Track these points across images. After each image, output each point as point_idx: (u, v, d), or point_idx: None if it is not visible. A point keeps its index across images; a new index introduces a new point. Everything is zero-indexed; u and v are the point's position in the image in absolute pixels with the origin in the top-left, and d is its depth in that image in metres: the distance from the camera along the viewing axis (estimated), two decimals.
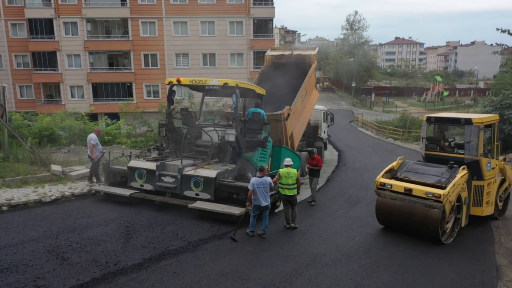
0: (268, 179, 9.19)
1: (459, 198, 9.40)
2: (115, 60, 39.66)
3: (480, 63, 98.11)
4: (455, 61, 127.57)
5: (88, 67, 38.15)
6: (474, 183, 10.24)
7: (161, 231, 9.06)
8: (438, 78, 70.99)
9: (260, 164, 13.56)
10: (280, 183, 9.91)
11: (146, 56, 38.32)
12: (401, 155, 24.64)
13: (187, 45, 37.90)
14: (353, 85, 64.97)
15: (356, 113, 48.96)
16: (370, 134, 35.55)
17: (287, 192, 9.77)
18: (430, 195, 8.95)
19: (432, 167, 10.07)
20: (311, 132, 19.94)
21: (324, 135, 22.18)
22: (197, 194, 10.69)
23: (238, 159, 12.28)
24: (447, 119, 11.20)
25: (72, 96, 38.60)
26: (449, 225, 9.39)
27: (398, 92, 75.29)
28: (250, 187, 8.92)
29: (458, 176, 9.27)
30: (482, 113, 26.90)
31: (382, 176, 10.13)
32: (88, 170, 13.40)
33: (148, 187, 11.36)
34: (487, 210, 10.69)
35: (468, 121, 9.90)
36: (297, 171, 16.82)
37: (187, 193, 10.83)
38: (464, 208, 9.74)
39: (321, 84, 68.73)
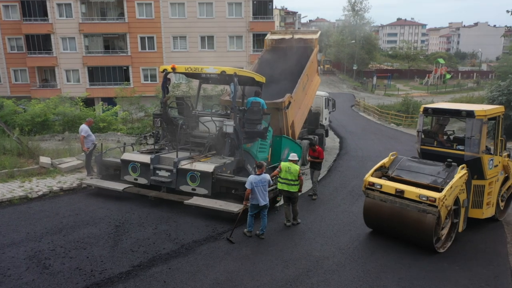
0: (267, 176, 8.60)
1: (456, 201, 8.45)
2: (111, 43, 38.63)
3: (483, 45, 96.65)
4: (458, 42, 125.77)
5: (83, 51, 37.19)
6: (474, 182, 9.25)
7: (152, 232, 8.50)
8: (441, 61, 69.86)
9: (260, 155, 13.01)
10: (279, 176, 9.34)
11: (142, 39, 37.29)
12: (404, 141, 24.22)
13: (184, 27, 36.83)
14: (354, 68, 63.91)
15: (358, 97, 48.14)
16: (372, 119, 34.85)
17: (285, 187, 9.19)
18: (424, 198, 7.97)
19: (428, 165, 9.07)
20: (312, 119, 19.33)
21: (325, 122, 21.56)
22: (193, 189, 10.14)
23: (237, 151, 11.70)
24: (446, 110, 9.81)
25: (68, 80, 37.74)
26: (445, 231, 8.50)
27: (400, 75, 74.18)
28: (247, 185, 8.34)
29: (457, 176, 8.25)
30: (488, 98, 26.19)
31: (372, 175, 9.12)
32: (80, 162, 12.80)
33: (142, 181, 10.80)
34: (488, 212, 9.74)
35: (470, 114, 8.83)
36: (299, 160, 16.33)
37: (183, 188, 10.28)
38: (462, 211, 8.75)
39: (321, 66, 67.56)
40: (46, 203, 10.05)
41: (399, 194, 8.37)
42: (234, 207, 9.26)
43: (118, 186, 10.70)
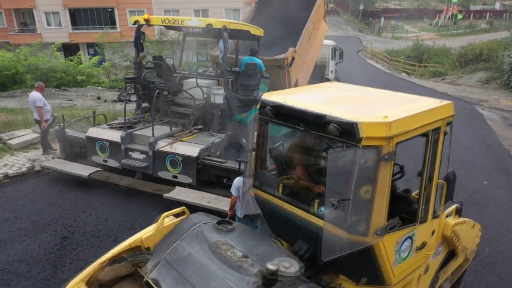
0: None
1: None
2: None
3: None
4: None
5: None
6: None
7: (108, 248, 6.33)
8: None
9: None
10: None
11: None
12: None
13: None
14: (360, 7, 59.56)
15: (364, 40, 44.83)
16: (381, 67, 32.14)
17: None
18: None
19: (223, 261, 3.60)
20: (317, 73, 16.97)
21: (331, 76, 19.21)
22: (175, 177, 8.16)
23: (229, 124, 9.62)
24: (298, 114, 3.58)
25: (48, 24, 34.35)
26: None
27: (408, 15, 69.55)
28: (233, 191, 6.19)
29: None
30: None
31: (98, 270, 3.72)
32: (36, 135, 10.60)
33: (113, 163, 8.78)
34: None
35: (347, 128, 3.21)
36: None
37: (162, 174, 8.30)
38: None
39: (325, 6, 63.09)
40: None
41: None
42: (227, 205, 7.29)
43: (83, 171, 8.69)
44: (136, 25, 9.55)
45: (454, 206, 4.68)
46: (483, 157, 11.62)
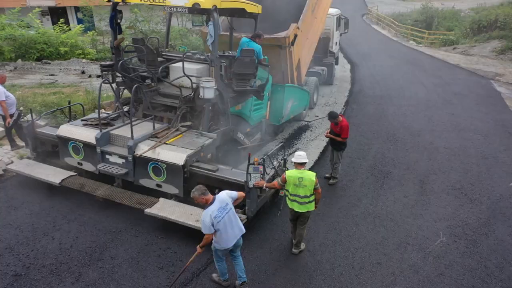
0: (223, 196, 5.18)
1: None
2: None
3: None
4: None
5: None
6: None
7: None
8: None
9: (255, 115, 9.75)
10: (286, 190, 6.18)
11: None
12: (428, 67, 20.32)
13: None
14: None
15: (369, 1, 42.38)
16: (387, 34, 30.25)
17: (296, 207, 6.03)
18: None
19: None
20: (321, 46, 15.49)
21: (335, 48, 17.68)
22: (158, 185, 7.06)
23: (222, 118, 8.41)
24: None
25: None
26: None
27: None
28: (205, 230, 4.91)
29: None
30: None
31: None
32: (1, 130, 9.35)
33: (88, 167, 7.63)
34: None
35: None
36: (305, 109, 12.99)
37: (144, 182, 7.17)
38: None
39: None
40: None
41: None
42: None
43: (54, 177, 7.53)
44: (111, 3, 8.08)
45: None
46: (505, 149, 10.47)
